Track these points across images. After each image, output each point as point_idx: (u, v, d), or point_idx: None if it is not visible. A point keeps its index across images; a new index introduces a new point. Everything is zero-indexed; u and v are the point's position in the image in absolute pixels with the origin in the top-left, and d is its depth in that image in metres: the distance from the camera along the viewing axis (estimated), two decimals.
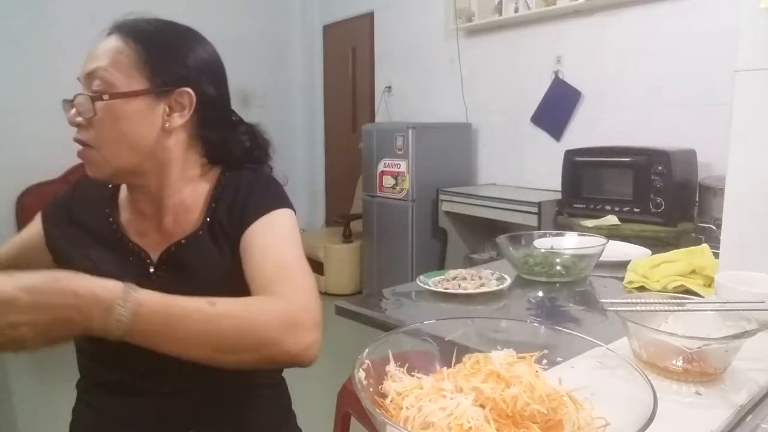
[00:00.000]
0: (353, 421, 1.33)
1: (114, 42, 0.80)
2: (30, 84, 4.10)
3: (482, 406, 0.53)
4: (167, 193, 0.87)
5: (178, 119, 0.83)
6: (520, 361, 0.59)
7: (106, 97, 0.78)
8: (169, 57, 0.82)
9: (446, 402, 0.53)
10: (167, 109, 0.82)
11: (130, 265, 0.85)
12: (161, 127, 0.82)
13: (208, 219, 0.86)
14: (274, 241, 0.82)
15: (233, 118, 0.93)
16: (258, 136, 0.95)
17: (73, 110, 0.79)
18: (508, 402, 0.53)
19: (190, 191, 0.88)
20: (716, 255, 1.13)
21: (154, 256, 0.86)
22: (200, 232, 0.85)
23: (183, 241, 0.85)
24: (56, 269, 0.78)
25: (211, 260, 0.83)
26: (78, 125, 0.80)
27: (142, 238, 0.87)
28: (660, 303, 0.83)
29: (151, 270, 0.85)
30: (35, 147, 4.14)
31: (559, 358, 0.66)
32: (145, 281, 0.78)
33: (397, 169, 3.45)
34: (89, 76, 0.79)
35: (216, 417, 0.87)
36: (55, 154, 4.15)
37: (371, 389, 0.57)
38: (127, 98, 0.79)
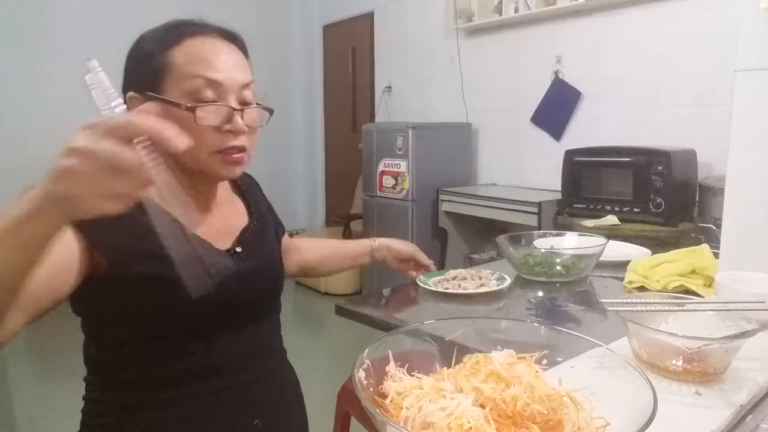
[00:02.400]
0: (353, 421, 1.33)
1: (244, 58, 0.86)
2: (30, 85, 4.10)
3: (482, 406, 0.53)
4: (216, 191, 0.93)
5: None
6: (520, 362, 0.59)
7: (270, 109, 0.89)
8: None
9: (446, 402, 0.53)
10: None
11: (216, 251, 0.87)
12: None
13: (255, 217, 0.98)
14: None
15: None
16: None
17: (255, 117, 0.85)
18: (508, 402, 0.53)
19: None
20: (716, 255, 1.13)
21: (224, 245, 0.90)
22: (254, 223, 0.96)
23: (250, 229, 0.94)
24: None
25: (272, 244, 1.00)
26: (243, 132, 0.83)
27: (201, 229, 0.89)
28: (660, 303, 0.83)
29: (238, 250, 0.91)
30: (35, 148, 4.13)
31: (559, 358, 0.66)
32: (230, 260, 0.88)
33: (397, 169, 3.45)
34: (245, 87, 0.84)
35: (270, 402, 0.92)
36: (54, 155, 4.16)
37: (371, 389, 0.57)
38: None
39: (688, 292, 1.16)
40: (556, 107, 3.16)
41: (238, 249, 0.90)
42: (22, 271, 0.54)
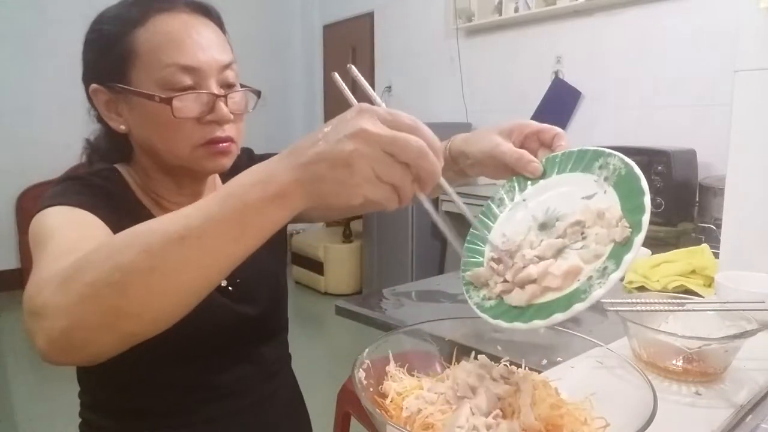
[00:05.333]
0: (353, 421, 1.33)
1: (221, 33, 0.76)
2: (29, 85, 4.10)
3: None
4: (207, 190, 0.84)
5: None
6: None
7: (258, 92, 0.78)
8: None
9: (446, 404, 0.53)
10: None
11: None
12: None
13: None
14: None
15: None
16: None
17: (240, 102, 0.75)
18: (513, 407, 0.53)
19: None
20: (716, 255, 1.13)
21: None
22: None
23: None
24: None
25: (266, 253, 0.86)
26: (228, 121, 0.73)
27: None
28: (660, 303, 0.83)
29: (223, 284, 0.80)
30: (35, 148, 4.14)
31: (559, 358, 0.66)
32: (219, 298, 0.78)
33: None
34: (226, 68, 0.73)
35: (277, 417, 0.89)
36: (54, 155, 4.16)
37: (371, 389, 0.57)
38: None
39: (688, 292, 1.16)
40: (556, 107, 3.15)
41: (223, 282, 0.80)
42: (231, 264, 0.47)
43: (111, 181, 0.77)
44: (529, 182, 0.62)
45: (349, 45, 4.74)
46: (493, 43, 3.51)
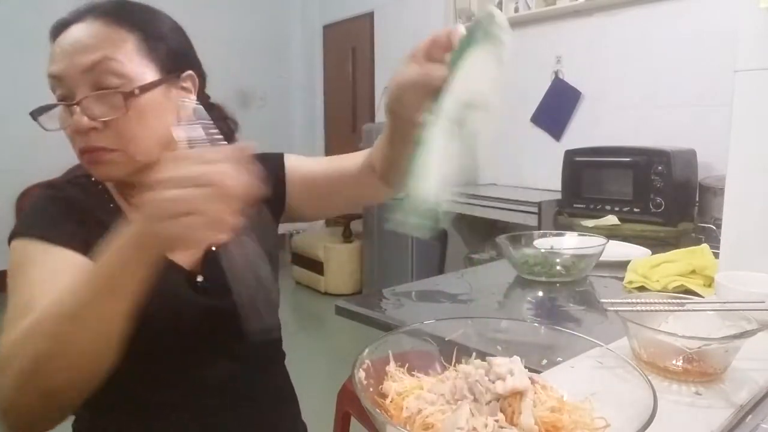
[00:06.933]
0: (353, 421, 1.33)
1: (105, 28, 0.71)
2: (29, 85, 4.10)
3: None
4: None
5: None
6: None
7: (137, 91, 0.69)
8: (167, 39, 0.77)
9: (446, 404, 0.53)
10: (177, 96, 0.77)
11: (168, 279, 0.72)
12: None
13: None
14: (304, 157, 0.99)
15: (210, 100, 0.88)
16: (230, 118, 0.92)
17: (82, 114, 0.69)
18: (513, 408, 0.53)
19: None
20: (716, 255, 1.13)
21: (187, 264, 0.79)
22: None
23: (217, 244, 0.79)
24: None
25: (261, 238, 0.80)
26: (90, 130, 0.69)
27: None
28: (660, 303, 0.83)
29: (199, 280, 0.79)
30: (35, 147, 4.13)
31: (559, 358, 0.66)
32: (191, 294, 0.78)
33: None
34: (92, 69, 0.68)
35: (269, 413, 0.89)
36: (54, 155, 4.15)
37: (371, 389, 0.57)
38: (152, 89, 0.72)
39: (688, 292, 1.16)
40: (556, 107, 3.15)
41: (199, 279, 0.79)
42: (127, 315, 0.56)
43: (86, 189, 0.78)
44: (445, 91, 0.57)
45: (349, 45, 4.74)
46: None
